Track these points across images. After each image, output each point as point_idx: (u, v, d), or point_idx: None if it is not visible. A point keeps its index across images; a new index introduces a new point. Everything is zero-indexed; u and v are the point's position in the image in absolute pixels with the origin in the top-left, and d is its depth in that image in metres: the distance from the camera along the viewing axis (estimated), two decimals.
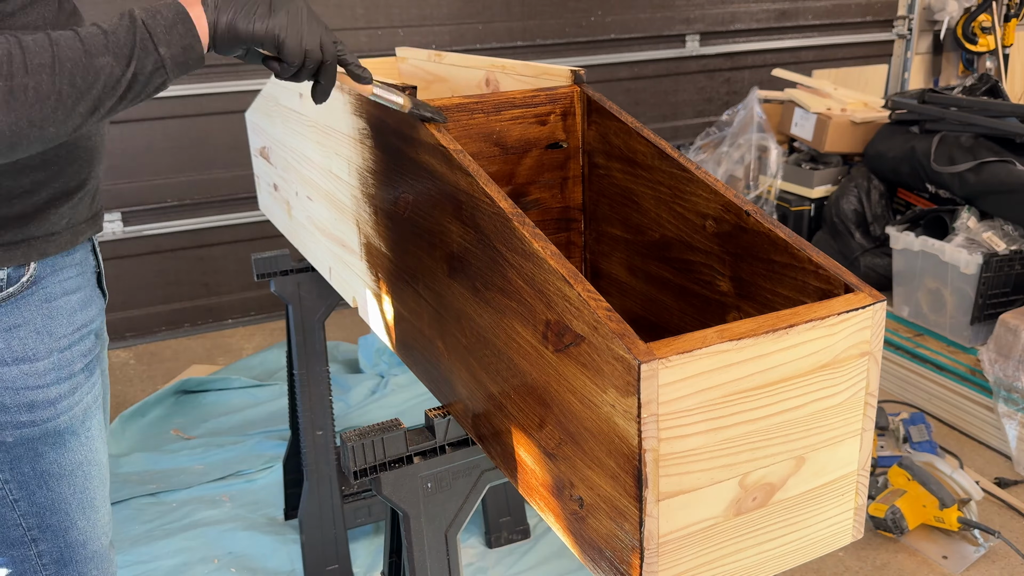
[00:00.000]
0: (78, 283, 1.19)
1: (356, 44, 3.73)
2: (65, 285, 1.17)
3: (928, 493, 2.29)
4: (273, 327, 3.80)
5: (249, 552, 2.32)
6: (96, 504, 1.27)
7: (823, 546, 0.96)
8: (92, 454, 1.24)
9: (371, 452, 1.24)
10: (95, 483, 1.26)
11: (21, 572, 1.23)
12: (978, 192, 3.11)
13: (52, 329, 1.14)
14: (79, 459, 1.22)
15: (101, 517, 1.29)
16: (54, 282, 1.15)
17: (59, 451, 1.18)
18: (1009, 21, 5.16)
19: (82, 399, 1.20)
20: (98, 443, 1.26)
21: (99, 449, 1.26)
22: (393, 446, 1.25)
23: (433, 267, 1.17)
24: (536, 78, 1.40)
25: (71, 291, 1.18)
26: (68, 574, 1.25)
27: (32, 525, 1.20)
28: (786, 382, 0.85)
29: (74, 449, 1.20)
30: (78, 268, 1.19)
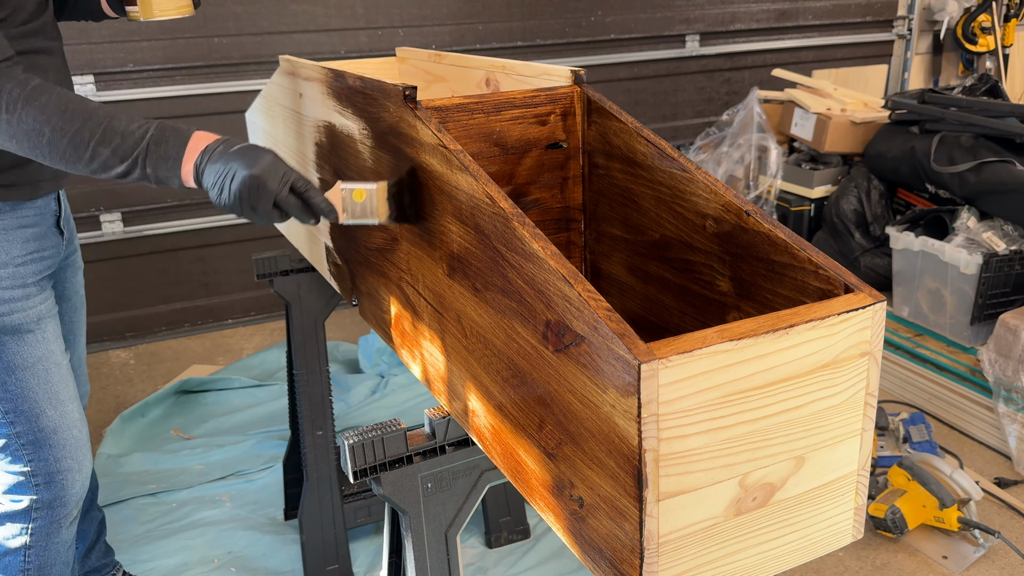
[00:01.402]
0: (35, 221, 1.52)
1: (356, 44, 3.73)
2: (23, 221, 1.49)
3: (928, 493, 2.29)
4: (273, 327, 3.80)
5: (249, 552, 2.32)
6: (62, 399, 1.55)
7: (823, 546, 0.96)
8: (49, 353, 1.54)
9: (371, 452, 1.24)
10: (56, 379, 1.54)
11: (7, 447, 1.53)
12: (978, 192, 3.11)
13: (8, 249, 1.48)
14: (37, 354, 1.51)
15: (70, 412, 1.57)
16: (12, 218, 1.48)
17: (18, 343, 1.49)
18: (1009, 21, 5.16)
19: (35, 306, 1.51)
20: (54, 346, 1.55)
21: (56, 351, 1.55)
22: (393, 446, 1.25)
23: (433, 267, 1.17)
24: (536, 78, 1.40)
25: (27, 226, 1.50)
26: (44, 455, 1.54)
27: (8, 409, 1.50)
28: (786, 382, 0.85)
29: (32, 344, 1.50)
30: (37, 211, 1.52)
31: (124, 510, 2.49)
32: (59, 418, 1.54)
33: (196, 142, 1.24)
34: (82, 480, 1.60)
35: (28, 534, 1.57)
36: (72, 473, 1.58)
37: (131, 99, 3.41)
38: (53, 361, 1.54)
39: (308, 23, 3.63)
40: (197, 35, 3.45)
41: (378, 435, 1.24)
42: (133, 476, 2.65)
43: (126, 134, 1.24)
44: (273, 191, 1.18)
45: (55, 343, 1.55)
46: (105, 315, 3.55)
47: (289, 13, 3.58)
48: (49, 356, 1.53)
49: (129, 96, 3.40)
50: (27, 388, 1.50)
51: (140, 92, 3.42)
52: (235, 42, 3.52)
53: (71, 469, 1.57)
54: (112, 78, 3.36)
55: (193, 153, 1.23)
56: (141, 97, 3.43)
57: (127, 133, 1.24)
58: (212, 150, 1.23)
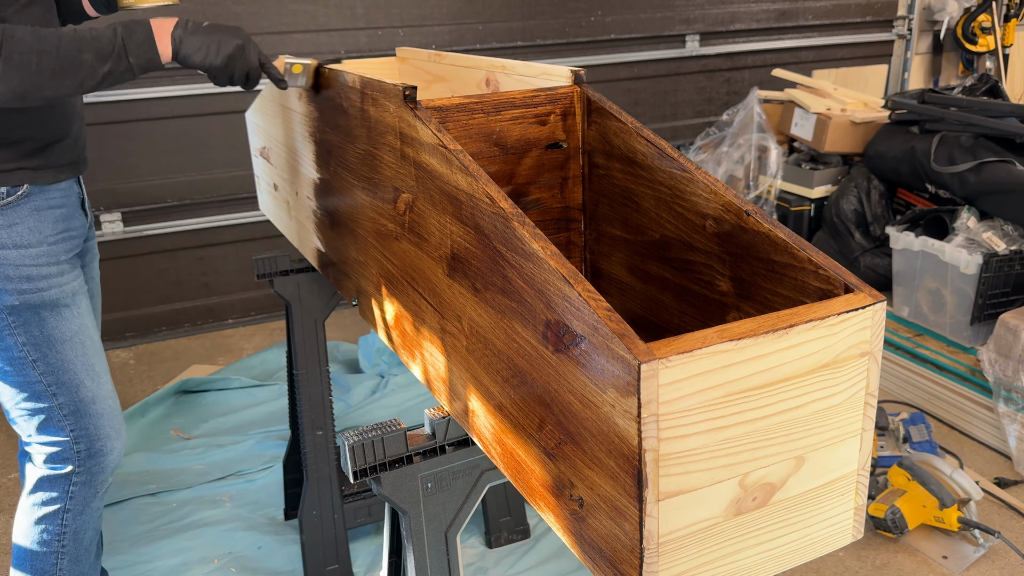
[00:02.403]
0: (62, 202, 1.61)
1: (356, 44, 3.73)
2: (51, 202, 1.59)
3: (928, 493, 2.29)
4: (273, 327, 3.80)
5: (249, 552, 2.32)
6: (97, 371, 1.65)
7: (823, 546, 0.96)
8: (84, 327, 1.63)
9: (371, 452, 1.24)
10: (92, 352, 1.64)
11: (50, 418, 1.61)
12: (978, 192, 3.11)
13: (41, 228, 1.57)
14: (74, 328, 1.60)
15: (104, 384, 1.66)
16: (42, 199, 1.57)
17: (57, 318, 1.58)
18: (1009, 21, 5.16)
19: (69, 281, 1.60)
20: (87, 321, 1.64)
21: (90, 326, 1.64)
22: (393, 446, 1.25)
23: (433, 267, 1.17)
24: (536, 78, 1.40)
25: (56, 206, 1.60)
26: (84, 424, 1.63)
27: (51, 382, 1.59)
28: (786, 382, 0.85)
29: (68, 319, 1.59)
30: (62, 193, 1.62)
31: (124, 510, 2.49)
32: (96, 388, 1.64)
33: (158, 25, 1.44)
34: (120, 447, 1.70)
35: (68, 498, 1.66)
36: (111, 440, 1.67)
37: (131, 99, 3.41)
38: (88, 335, 1.63)
39: (308, 23, 3.63)
40: None
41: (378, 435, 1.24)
42: (133, 476, 2.65)
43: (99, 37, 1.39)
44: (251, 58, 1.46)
45: (88, 317, 1.64)
46: (105, 315, 3.54)
47: (289, 13, 3.58)
48: (84, 330, 1.62)
49: (129, 96, 3.41)
50: (67, 360, 1.59)
51: (140, 92, 3.42)
52: None
53: (110, 436, 1.67)
54: None
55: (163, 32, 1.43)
56: (141, 97, 3.43)
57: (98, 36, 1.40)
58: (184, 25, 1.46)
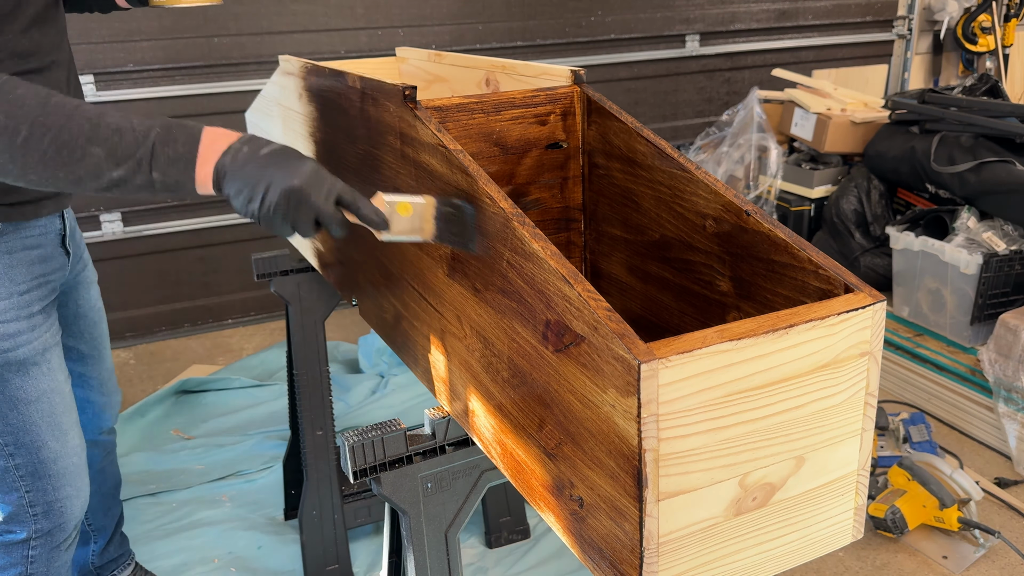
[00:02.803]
0: (39, 242, 1.43)
1: (356, 44, 3.73)
2: (26, 242, 1.41)
3: (928, 493, 2.29)
4: (273, 327, 3.80)
5: (249, 552, 2.32)
6: (64, 428, 1.50)
7: (823, 546, 0.96)
8: (55, 384, 1.47)
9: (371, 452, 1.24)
10: (60, 410, 1.49)
11: (3, 479, 1.46)
12: (978, 192, 3.11)
13: (12, 276, 1.38)
14: (43, 387, 1.45)
15: (71, 440, 1.52)
16: (16, 239, 1.38)
17: (23, 378, 1.42)
18: (1009, 21, 5.16)
19: (41, 336, 1.43)
20: (59, 375, 1.49)
21: (60, 380, 1.49)
22: (393, 446, 1.25)
23: (433, 267, 1.17)
24: (536, 78, 1.40)
25: (32, 247, 1.42)
26: (43, 486, 1.49)
27: (8, 442, 1.44)
28: (786, 382, 0.85)
29: (36, 378, 1.44)
30: (41, 230, 1.44)
31: (124, 510, 2.49)
32: (60, 448, 1.49)
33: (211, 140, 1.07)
34: (81, 504, 1.56)
35: (28, 562, 1.53)
36: (71, 500, 1.53)
37: (131, 99, 3.41)
38: (57, 392, 1.48)
39: (308, 23, 3.63)
40: (197, 35, 3.45)
41: (378, 435, 1.24)
42: (133, 476, 2.65)
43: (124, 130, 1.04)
44: (317, 205, 1.03)
45: (60, 372, 1.49)
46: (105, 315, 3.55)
47: (289, 13, 3.58)
48: (54, 388, 1.47)
49: (129, 96, 3.41)
50: (30, 422, 1.45)
51: (140, 92, 3.42)
52: (235, 42, 3.52)
53: (70, 496, 1.53)
54: (112, 78, 3.36)
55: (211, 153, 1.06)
56: (141, 97, 3.43)
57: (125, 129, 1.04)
58: (237, 151, 1.06)
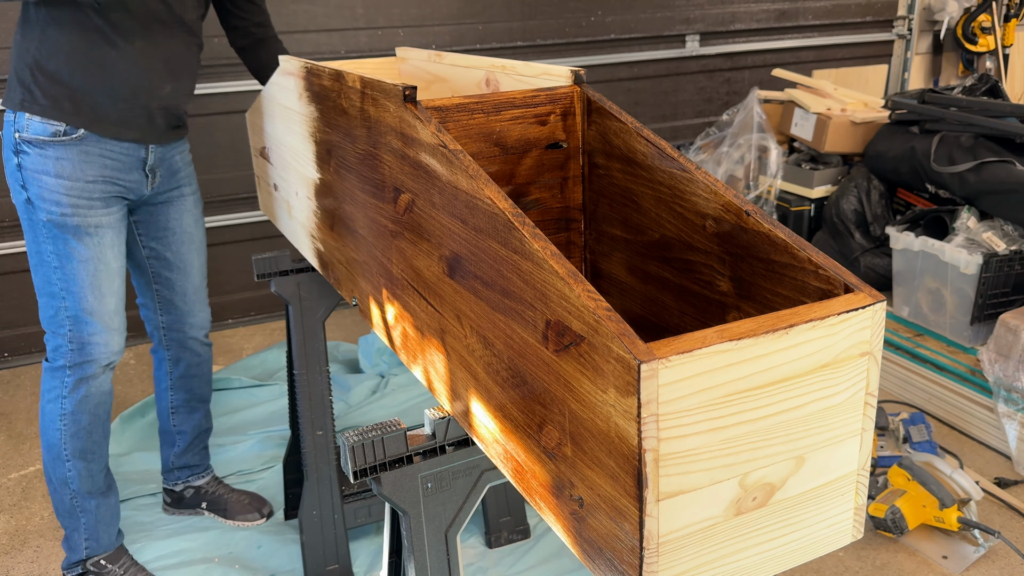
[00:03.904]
0: (118, 156, 1.93)
1: (356, 44, 3.73)
2: (104, 152, 1.90)
3: (928, 493, 2.29)
4: (273, 327, 3.80)
5: (249, 552, 2.32)
6: (103, 292, 1.97)
7: (823, 546, 0.96)
8: (101, 256, 1.95)
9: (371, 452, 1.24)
10: (102, 277, 1.96)
11: (56, 315, 1.97)
12: (978, 192, 3.11)
13: (84, 168, 1.88)
14: (90, 255, 1.93)
15: (107, 303, 1.99)
16: (94, 146, 1.89)
17: (77, 241, 1.91)
18: (1009, 21, 5.16)
19: (95, 216, 1.92)
20: (108, 252, 1.96)
21: (108, 256, 1.96)
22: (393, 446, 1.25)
23: (433, 267, 1.17)
24: (536, 78, 1.40)
25: (108, 157, 1.91)
26: (79, 328, 1.97)
27: (63, 288, 1.94)
28: (786, 382, 0.85)
29: (87, 245, 1.92)
30: (124, 151, 1.94)
31: (124, 509, 2.49)
32: (96, 304, 1.97)
33: None
34: (107, 353, 2.02)
35: (63, 388, 2.01)
36: (98, 347, 2.00)
37: None
38: (103, 263, 1.95)
39: (308, 23, 3.63)
40: None
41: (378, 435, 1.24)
42: (133, 476, 2.65)
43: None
44: None
45: (109, 249, 1.96)
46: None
47: (289, 13, 3.58)
48: (100, 258, 1.94)
49: None
50: (77, 276, 1.93)
51: None
52: None
53: (98, 343, 1.99)
54: None
55: None
56: None
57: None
58: None
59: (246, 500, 2.48)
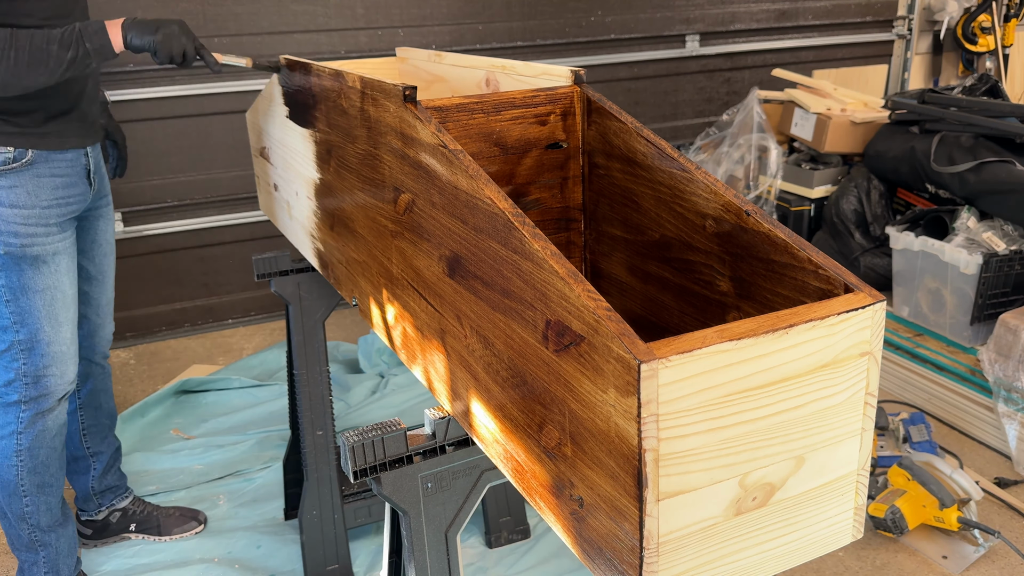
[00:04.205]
0: (65, 171, 1.88)
1: (356, 44, 3.73)
2: (54, 170, 1.86)
3: (928, 493, 2.29)
4: (273, 327, 3.80)
5: (249, 552, 2.32)
6: (59, 321, 1.91)
7: (823, 546, 0.96)
8: (58, 283, 1.89)
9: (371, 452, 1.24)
10: (59, 305, 1.90)
11: (9, 349, 1.89)
12: (978, 192, 3.11)
13: (38, 193, 1.83)
14: (48, 283, 1.87)
15: (64, 332, 1.93)
16: (45, 167, 1.84)
17: (34, 271, 1.85)
18: (1009, 21, 5.16)
19: (53, 242, 1.87)
20: (64, 279, 1.90)
21: (64, 283, 1.90)
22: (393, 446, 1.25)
23: (433, 267, 1.17)
24: (536, 78, 1.40)
25: (58, 175, 1.86)
26: (35, 361, 1.91)
27: (16, 320, 1.86)
28: (786, 382, 0.85)
29: (44, 274, 1.86)
30: (69, 163, 1.89)
31: None
32: (53, 334, 1.91)
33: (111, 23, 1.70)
34: (64, 384, 1.96)
35: (19, 423, 1.93)
36: (55, 378, 1.94)
37: (131, 99, 3.42)
38: (60, 291, 1.90)
39: (308, 23, 3.63)
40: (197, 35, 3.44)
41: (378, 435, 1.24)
42: (133, 476, 2.65)
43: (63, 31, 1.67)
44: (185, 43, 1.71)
45: (65, 276, 1.91)
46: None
47: (289, 13, 3.58)
48: (57, 286, 1.89)
49: (129, 96, 3.41)
50: (34, 307, 1.87)
51: (140, 92, 3.42)
52: (235, 42, 3.52)
53: (54, 375, 1.93)
54: (112, 78, 3.36)
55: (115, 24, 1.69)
56: (141, 97, 3.43)
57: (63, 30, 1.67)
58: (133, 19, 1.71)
59: (176, 513, 2.40)
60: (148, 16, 1.90)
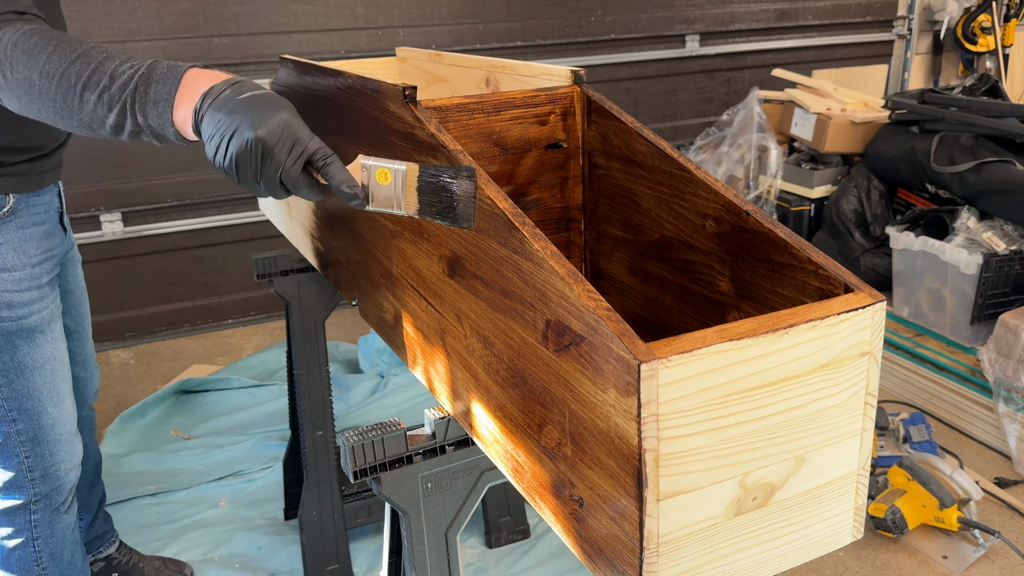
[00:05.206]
0: (44, 218, 1.55)
1: (356, 44, 3.73)
2: (35, 218, 1.52)
3: (928, 493, 2.29)
4: (273, 327, 3.80)
5: (249, 552, 2.32)
6: (62, 396, 1.59)
7: (823, 546, 0.96)
8: (57, 353, 1.57)
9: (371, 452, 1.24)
10: (60, 378, 1.58)
11: (5, 444, 1.54)
12: (978, 192, 3.11)
13: (26, 249, 1.49)
14: (47, 355, 1.54)
15: (66, 408, 1.61)
16: (28, 215, 1.50)
17: (31, 345, 1.51)
18: (1009, 21, 5.16)
19: (48, 305, 1.54)
20: (60, 344, 1.58)
21: (62, 350, 1.59)
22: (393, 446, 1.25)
23: (433, 267, 1.17)
24: (536, 78, 1.40)
25: (39, 223, 1.53)
26: (41, 451, 1.57)
27: (12, 408, 1.52)
28: (786, 382, 0.85)
29: (42, 345, 1.53)
30: (45, 207, 1.55)
31: (124, 510, 2.49)
32: (57, 414, 1.58)
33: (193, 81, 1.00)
34: (75, 470, 1.65)
35: (32, 527, 1.62)
36: (66, 464, 1.62)
37: None
38: (59, 360, 1.58)
39: (308, 23, 3.63)
40: (197, 35, 3.45)
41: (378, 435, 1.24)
42: (133, 476, 2.65)
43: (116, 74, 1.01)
44: (280, 163, 0.94)
45: (61, 341, 1.59)
46: (105, 315, 3.55)
47: (289, 13, 3.58)
48: (56, 356, 1.57)
49: None
50: (33, 387, 1.53)
51: None
52: (235, 42, 3.52)
53: (65, 461, 1.62)
54: None
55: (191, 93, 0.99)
56: None
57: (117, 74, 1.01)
58: (219, 93, 0.98)
59: (158, 563, 2.19)
60: None
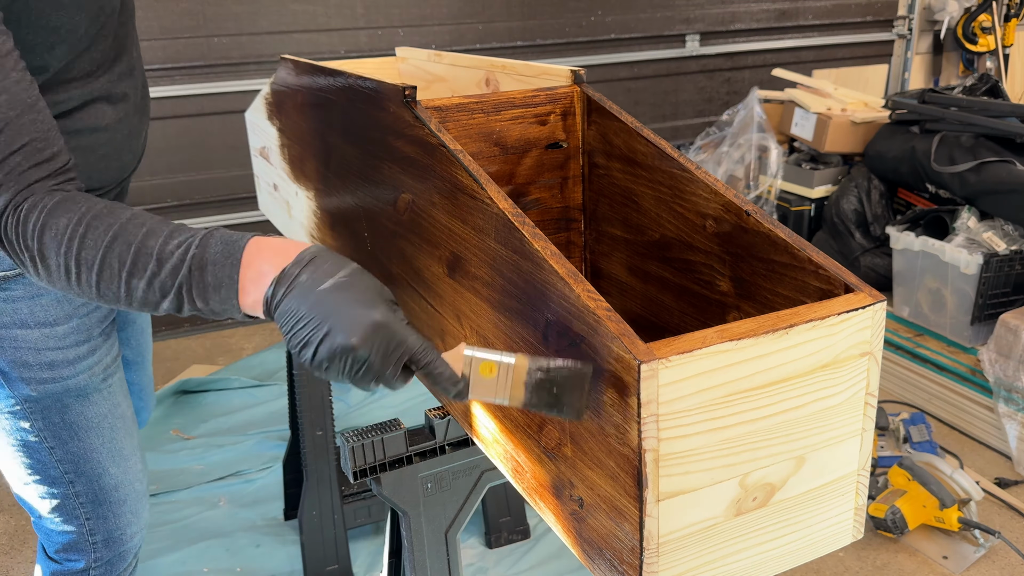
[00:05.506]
0: None
1: (356, 44, 3.73)
2: None
3: (928, 493, 2.29)
4: (273, 327, 3.80)
5: (249, 552, 2.32)
6: (125, 454, 1.41)
7: (823, 546, 0.96)
8: (115, 408, 1.38)
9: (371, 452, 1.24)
10: (121, 434, 1.40)
11: (64, 505, 1.38)
12: (978, 192, 3.11)
13: (72, 298, 1.26)
14: (103, 412, 1.36)
15: (132, 465, 1.43)
16: None
17: (83, 404, 1.33)
18: (1009, 21, 5.16)
19: (101, 359, 1.34)
20: (120, 398, 1.39)
21: (122, 403, 1.40)
22: (393, 446, 1.25)
23: (433, 267, 1.17)
24: (536, 78, 1.40)
25: None
26: (103, 513, 1.41)
27: (68, 469, 1.35)
28: (786, 382, 0.85)
29: (97, 403, 1.34)
30: None
31: None
32: (121, 474, 1.41)
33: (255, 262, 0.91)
34: (141, 532, 1.50)
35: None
36: (131, 527, 1.46)
37: None
38: (119, 415, 1.39)
39: (308, 23, 3.63)
40: (197, 35, 3.45)
41: (378, 435, 1.24)
42: None
43: (163, 257, 0.92)
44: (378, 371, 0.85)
45: (120, 394, 1.40)
46: None
47: (289, 13, 3.58)
48: (115, 410, 1.38)
49: None
50: (90, 448, 1.36)
51: None
52: (235, 42, 3.52)
53: (130, 524, 1.45)
54: None
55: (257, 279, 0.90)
56: None
57: (164, 256, 0.92)
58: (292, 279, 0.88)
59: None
60: None
